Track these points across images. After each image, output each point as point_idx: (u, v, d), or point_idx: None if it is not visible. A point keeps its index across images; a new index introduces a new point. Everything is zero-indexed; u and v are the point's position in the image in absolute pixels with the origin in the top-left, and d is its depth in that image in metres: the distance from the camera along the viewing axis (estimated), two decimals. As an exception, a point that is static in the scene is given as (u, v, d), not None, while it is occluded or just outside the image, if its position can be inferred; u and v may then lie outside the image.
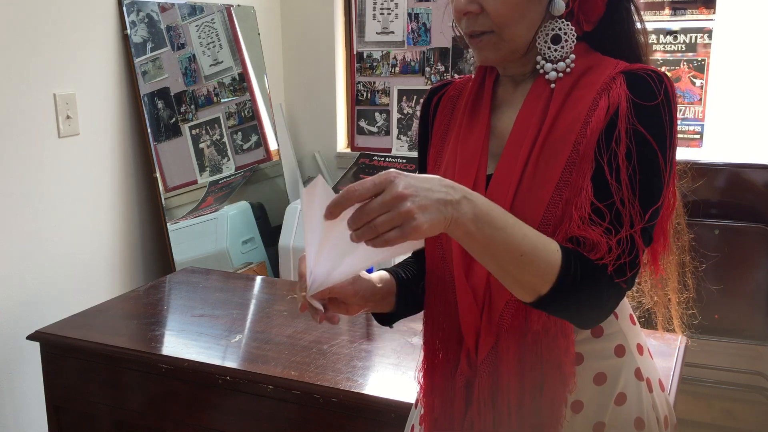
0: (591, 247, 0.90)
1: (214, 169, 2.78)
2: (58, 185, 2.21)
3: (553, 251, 0.88)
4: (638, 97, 0.94)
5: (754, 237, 2.52)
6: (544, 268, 0.87)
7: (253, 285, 2.29)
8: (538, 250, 0.87)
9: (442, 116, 1.13)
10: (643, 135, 0.93)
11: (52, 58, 2.16)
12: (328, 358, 1.67)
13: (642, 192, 0.92)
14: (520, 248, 0.86)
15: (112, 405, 1.81)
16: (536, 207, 0.95)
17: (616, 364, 1.03)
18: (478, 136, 1.04)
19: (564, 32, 0.99)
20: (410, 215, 0.78)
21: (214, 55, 2.79)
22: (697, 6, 2.69)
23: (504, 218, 0.86)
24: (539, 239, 0.88)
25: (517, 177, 0.97)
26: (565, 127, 0.97)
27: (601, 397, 1.02)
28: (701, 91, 2.73)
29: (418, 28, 3.08)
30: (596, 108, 0.96)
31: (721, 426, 2.75)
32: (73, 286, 2.27)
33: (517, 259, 0.86)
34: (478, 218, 0.83)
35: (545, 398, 0.98)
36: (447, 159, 1.08)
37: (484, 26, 0.98)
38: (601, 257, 0.89)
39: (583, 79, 0.99)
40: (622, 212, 0.91)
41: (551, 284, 0.88)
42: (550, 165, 0.96)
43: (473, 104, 1.08)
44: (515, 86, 1.06)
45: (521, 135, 0.99)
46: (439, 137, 1.12)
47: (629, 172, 0.92)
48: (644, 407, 1.05)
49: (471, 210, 0.82)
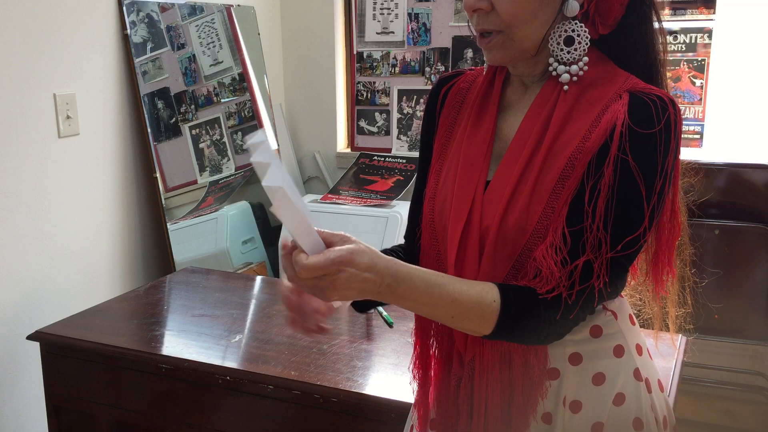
0: (544, 277, 0.93)
1: (214, 169, 2.78)
2: (58, 185, 2.21)
3: (489, 303, 0.92)
4: (636, 123, 0.92)
5: (754, 237, 2.52)
6: (478, 320, 0.93)
7: (253, 285, 2.29)
8: (468, 309, 0.92)
9: (450, 108, 1.12)
10: (629, 164, 0.91)
11: (52, 58, 2.16)
12: (328, 358, 1.67)
13: (616, 221, 0.92)
14: (450, 312, 0.92)
15: (112, 405, 1.81)
16: (529, 218, 0.95)
17: (614, 364, 1.03)
18: (482, 138, 1.04)
19: (577, 34, 0.97)
20: (324, 292, 0.86)
21: (214, 55, 2.79)
22: (697, 6, 2.69)
23: (429, 292, 0.90)
24: (471, 300, 0.92)
25: (512, 185, 0.97)
26: (565, 140, 0.96)
27: (600, 397, 1.02)
28: (701, 91, 2.73)
29: (418, 28, 3.08)
30: (597, 126, 0.95)
31: (721, 426, 2.75)
32: (73, 286, 2.27)
33: (448, 320, 0.93)
34: (401, 299, 0.90)
35: (516, 400, 1.00)
36: (450, 159, 1.07)
37: (493, 25, 0.97)
38: (549, 289, 0.92)
39: (591, 90, 0.98)
40: (589, 241, 0.92)
41: (491, 328, 0.93)
42: (545, 176, 0.96)
43: (481, 103, 1.07)
44: (524, 88, 1.05)
45: (523, 141, 0.99)
46: (445, 130, 1.11)
47: (607, 199, 0.92)
48: (643, 407, 1.05)
49: (390, 294, 0.89)
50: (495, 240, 0.97)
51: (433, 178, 1.09)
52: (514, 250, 0.96)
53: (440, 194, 1.06)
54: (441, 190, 1.06)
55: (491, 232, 0.97)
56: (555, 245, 0.93)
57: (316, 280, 0.84)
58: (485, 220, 0.99)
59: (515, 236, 0.96)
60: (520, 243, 0.96)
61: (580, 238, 0.92)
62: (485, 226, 0.98)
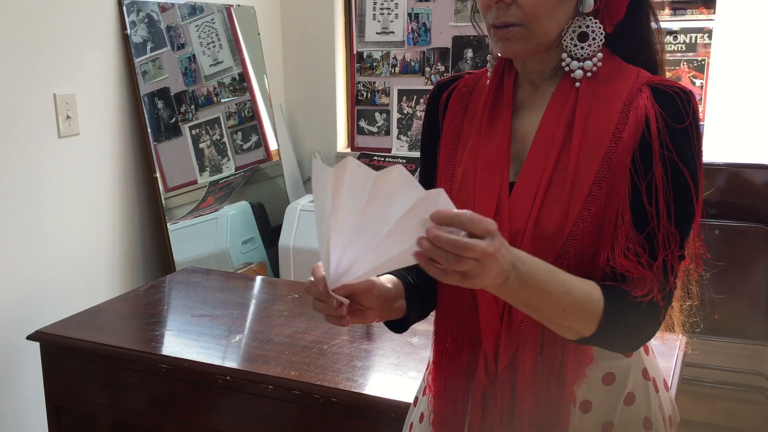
0: (635, 283, 0.92)
1: (214, 169, 2.78)
2: (58, 185, 2.21)
3: (596, 301, 0.90)
4: (670, 117, 0.94)
5: (754, 237, 2.52)
6: (586, 318, 0.91)
7: (253, 285, 2.29)
8: (580, 303, 0.90)
9: (454, 113, 1.11)
10: (677, 160, 0.93)
11: (52, 58, 2.16)
12: (328, 358, 1.67)
13: (677, 219, 0.93)
14: (562, 304, 0.89)
15: (112, 405, 1.81)
16: (563, 220, 0.95)
17: (624, 364, 1.03)
18: (500, 140, 1.02)
19: (592, 30, 0.98)
20: (479, 274, 0.79)
21: (214, 55, 2.79)
22: (697, 6, 2.69)
23: (547, 280, 0.87)
24: (582, 292, 0.90)
25: (544, 186, 0.96)
26: (593, 139, 0.96)
27: (611, 397, 1.02)
28: (701, 91, 2.73)
29: (418, 28, 3.08)
30: (626, 122, 0.95)
31: (721, 426, 2.75)
32: (73, 286, 2.27)
33: (559, 314, 0.90)
34: (522, 285, 0.85)
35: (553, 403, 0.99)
36: (466, 162, 1.05)
37: (514, 17, 0.96)
38: (645, 293, 0.92)
39: (607, 86, 0.98)
40: (660, 241, 0.93)
41: (594, 329, 0.91)
42: (579, 177, 0.95)
43: (492, 105, 1.05)
44: (535, 88, 1.04)
45: (546, 141, 0.98)
46: (452, 135, 1.10)
47: (666, 197, 0.93)
48: (652, 407, 1.05)
49: (516, 279, 0.84)
50: (531, 243, 0.95)
51: (444, 184, 1.08)
52: (550, 254, 0.95)
53: (458, 199, 1.03)
54: (458, 195, 1.04)
55: (526, 236, 0.95)
56: (633, 249, 0.93)
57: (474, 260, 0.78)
58: (515, 223, 0.97)
59: (552, 239, 0.95)
60: (557, 246, 0.95)
61: (651, 239, 0.93)
62: (516, 229, 0.96)
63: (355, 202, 0.80)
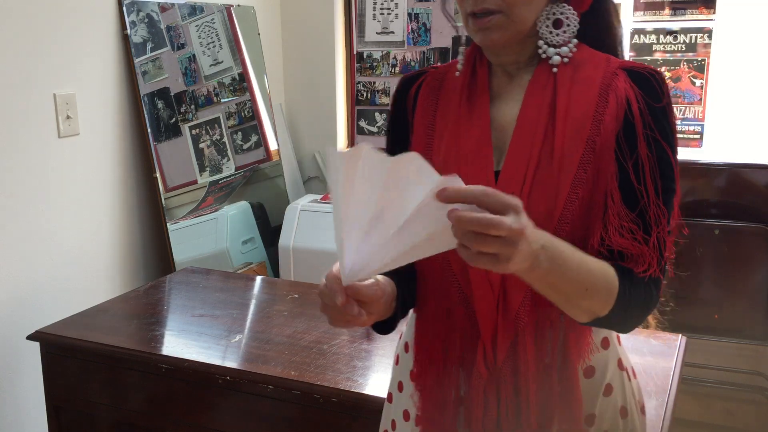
0: (635, 259, 0.93)
1: (214, 169, 2.78)
2: (58, 185, 2.21)
3: (612, 279, 0.91)
4: (649, 97, 0.96)
5: (754, 237, 2.52)
6: (605, 296, 0.91)
7: (253, 285, 2.29)
8: (600, 282, 0.90)
9: (425, 106, 1.10)
10: (660, 138, 0.95)
11: (52, 58, 2.16)
12: (328, 358, 1.67)
13: (664, 195, 0.95)
14: (585, 284, 0.88)
15: (112, 405, 1.81)
16: (553, 205, 0.95)
17: (602, 356, 1.04)
18: (480, 129, 1.02)
19: (566, 17, 1.00)
20: (511, 255, 0.76)
21: (214, 55, 2.79)
22: (697, 6, 2.69)
23: (572, 259, 0.87)
24: (601, 271, 0.91)
25: (531, 173, 0.96)
26: (575, 123, 0.97)
27: (591, 389, 1.03)
28: (701, 91, 2.73)
29: (418, 28, 3.09)
30: (606, 105, 0.96)
31: (721, 426, 2.75)
32: (73, 286, 2.27)
33: (581, 294, 0.89)
34: (552, 266, 0.83)
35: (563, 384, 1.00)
36: (445, 153, 1.04)
37: (494, 4, 0.96)
38: (645, 269, 0.93)
39: (581, 71, 0.99)
40: (652, 217, 0.94)
41: (610, 307, 0.91)
42: (565, 161, 0.96)
43: (468, 96, 1.05)
44: (510, 78, 1.04)
45: (529, 128, 0.98)
46: (425, 128, 1.09)
47: (653, 175, 0.94)
48: (627, 396, 1.07)
49: (546, 259, 0.82)
50: None
51: None
52: None
53: None
54: None
55: None
56: (627, 227, 0.94)
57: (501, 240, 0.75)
58: None
59: (543, 225, 0.92)
60: (548, 231, 0.93)
61: (643, 216, 0.95)
62: None
63: (371, 190, 0.77)
